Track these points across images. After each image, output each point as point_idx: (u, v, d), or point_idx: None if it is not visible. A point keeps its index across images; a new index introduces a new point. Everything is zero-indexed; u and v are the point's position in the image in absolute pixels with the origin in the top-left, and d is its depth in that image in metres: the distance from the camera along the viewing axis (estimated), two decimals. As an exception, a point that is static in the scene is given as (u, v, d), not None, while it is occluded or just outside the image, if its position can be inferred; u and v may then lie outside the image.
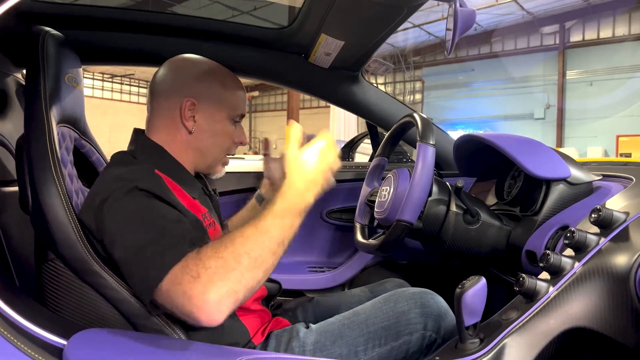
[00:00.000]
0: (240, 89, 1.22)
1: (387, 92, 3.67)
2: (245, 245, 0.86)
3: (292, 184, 0.95)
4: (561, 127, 15.72)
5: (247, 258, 0.85)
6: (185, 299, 0.82)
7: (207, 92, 1.16)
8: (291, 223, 0.92)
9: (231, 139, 1.21)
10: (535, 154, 1.30)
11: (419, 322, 1.10)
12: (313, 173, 0.97)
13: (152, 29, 1.64)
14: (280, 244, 0.90)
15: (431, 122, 1.33)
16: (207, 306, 0.81)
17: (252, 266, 0.85)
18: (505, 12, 14.42)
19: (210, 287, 0.82)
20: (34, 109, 1.07)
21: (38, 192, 1.00)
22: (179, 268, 0.84)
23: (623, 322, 0.86)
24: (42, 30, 1.18)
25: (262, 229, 0.89)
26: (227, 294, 0.82)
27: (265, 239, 0.88)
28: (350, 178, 2.03)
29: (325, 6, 1.43)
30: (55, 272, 1.00)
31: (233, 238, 0.87)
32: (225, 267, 0.83)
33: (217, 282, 0.82)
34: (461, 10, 1.08)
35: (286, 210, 0.92)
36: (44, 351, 0.81)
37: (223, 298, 0.82)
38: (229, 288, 0.82)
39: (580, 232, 0.93)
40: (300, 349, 1.10)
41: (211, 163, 1.21)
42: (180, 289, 0.83)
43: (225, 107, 1.18)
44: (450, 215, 1.31)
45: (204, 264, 0.84)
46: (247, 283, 0.85)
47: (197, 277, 0.82)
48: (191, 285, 0.82)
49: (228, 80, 1.20)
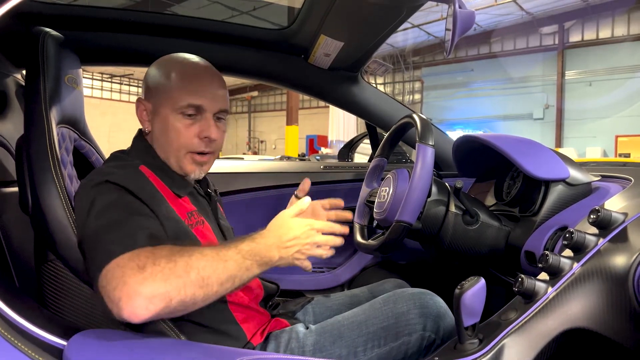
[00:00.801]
0: (193, 77, 1.13)
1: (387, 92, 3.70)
2: (200, 262, 0.86)
3: (266, 235, 0.97)
4: (560, 127, 15.73)
5: (196, 274, 0.84)
6: (120, 282, 0.80)
7: (153, 88, 1.14)
8: (249, 266, 0.92)
9: (188, 133, 1.12)
10: (534, 155, 1.31)
11: (418, 322, 1.11)
12: (290, 239, 0.97)
13: (152, 29, 1.64)
14: (230, 279, 0.89)
15: (430, 123, 1.34)
16: (137, 298, 0.79)
17: (197, 284, 0.84)
18: (504, 13, 14.43)
19: (149, 281, 0.80)
20: (33, 110, 1.08)
21: (38, 192, 1.01)
22: (129, 255, 0.84)
23: (621, 322, 0.86)
24: (41, 31, 1.18)
25: (222, 256, 0.89)
26: (162, 296, 0.81)
27: (220, 266, 0.88)
28: (350, 178, 2.04)
29: (325, 7, 1.44)
30: (55, 273, 1.01)
31: (192, 251, 0.87)
32: (172, 272, 0.82)
33: (158, 280, 0.81)
34: (460, 11, 1.09)
35: (251, 253, 0.93)
36: (44, 352, 0.81)
37: (156, 298, 0.80)
38: (166, 291, 0.81)
39: (579, 232, 0.94)
40: (299, 350, 1.10)
41: (176, 162, 1.14)
42: (120, 272, 0.82)
43: (168, 100, 1.11)
44: (449, 215, 1.31)
45: (154, 260, 0.83)
46: (185, 296, 0.83)
47: (142, 268, 0.81)
48: (132, 272, 0.81)
49: (175, 71, 1.13)
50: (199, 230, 1.11)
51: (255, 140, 23.38)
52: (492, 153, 1.39)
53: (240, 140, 23.35)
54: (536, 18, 15.15)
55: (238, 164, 2.12)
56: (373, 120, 2.01)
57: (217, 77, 1.17)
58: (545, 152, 1.32)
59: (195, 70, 1.14)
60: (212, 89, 1.13)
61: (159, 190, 1.07)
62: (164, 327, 0.98)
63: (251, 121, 23.53)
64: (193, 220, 1.11)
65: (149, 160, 1.12)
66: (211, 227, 1.17)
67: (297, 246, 0.98)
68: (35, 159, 1.04)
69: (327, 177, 2.04)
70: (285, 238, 0.97)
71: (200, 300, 0.86)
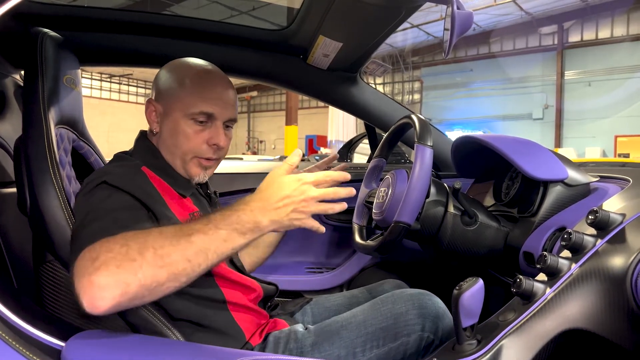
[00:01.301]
0: (207, 85, 1.14)
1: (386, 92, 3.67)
2: (157, 241, 0.80)
3: (249, 200, 0.88)
4: (559, 127, 15.75)
5: (152, 254, 0.79)
6: (77, 276, 0.78)
7: (165, 91, 1.16)
8: (225, 237, 0.84)
9: (197, 139, 1.13)
10: (533, 156, 1.31)
11: (417, 323, 1.11)
12: (280, 199, 0.88)
13: (151, 30, 1.64)
14: (200, 253, 0.82)
15: (429, 124, 1.34)
16: (91, 289, 0.76)
17: (154, 264, 0.79)
18: (503, 13, 14.45)
19: (102, 270, 0.76)
20: (32, 111, 1.08)
21: (36, 193, 1.01)
22: (88, 249, 0.81)
23: (619, 323, 0.86)
24: (40, 31, 1.18)
25: (186, 231, 0.83)
26: (116, 283, 0.76)
27: (182, 241, 0.81)
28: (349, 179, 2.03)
29: (324, 7, 1.44)
30: (53, 273, 1.01)
31: (150, 231, 0.83)
32: (125, 256, 0.78)
33: (111, 267, 0.77)
34: (458, 12, 1.09)
35: (227, 221, 0.85)
36: (42, 353, 0.81)
37: (110, 286, 0.76)
38: (120, 278, 0.76)
39: (577, 233, 0.94)
40: (298, 350, 1.10)
41: (182, 165, 1.16)
42: (79, 267, 0.79)
43: (180, 105, 1.13)
44: (448, 216, 1.31)
45: (108, 247, 0.79)
46: (144, 279, 0.78)
47: (95, 258, 0.78)
48: (87, 264, 0.78)
49: (189, 77, 1.14)
50: None
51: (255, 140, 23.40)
52: (490, 154, 1.39)
53: (239, 140, 23.37)
54: (535, 18, 15.17)
55: (237, 164, 2.12)
56: (372, 121, 2.01)
57: (231, 87, 1.19)
58: (543, 153, 1.32)
59: (209, 78, 1.16)
60: (225, 98, 1.16)
61: (161, 191, 1.08)
62: (163, 328, 0.98)
63: (250, 121, 23.55)
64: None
65: (151, 161, 1.13)
66: None
67: (290, 205, 0.88)
68: (33, 160, 1.04)
69: (326, 177, 2.03)
70: (274, 199, 0.87)
71: (166, 281, 0.80)
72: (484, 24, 15.39)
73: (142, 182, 1.05)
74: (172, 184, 1.12)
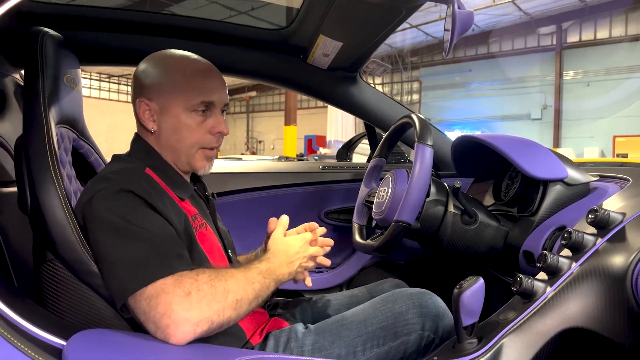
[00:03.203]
0: (200, 74, 1.13)
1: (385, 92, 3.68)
2: (234, 286, 0.93)
3: (276, 255, 1.09)
4: (558, 127, 15.76)
5: (232, 298, 0.92)
6: (169, 310, 0.85)
7: (158, 88, 1.11)
8: (268, 285, 1.01)
9: (200, 130, 1.12)
10: (533, 155, 1.31)
11: (417, 322, 1.11)
12: (294, 254, 1.11)
13: (151, 29, 1.64)
14: (255, 298, 0.97)
15: (429, 123, 1.34)
16: (185, 324, 0.85)
17: (232, 306, 0.91)
18: (502, 13, 14.45)
19: (196, 307, 0.86)
20: (32, 110, 1.07)
21: (37, 192, 1.00)
22: (172, 280, 0.88)
23: (619, 322, 0.86)
24: (40, 30, 1.18)
25: (250, 279, 0.97)
26: (206, 320, 0.87)
27: (249, 288, 0.95)
28: (349, 179, 2.04)
29: (324, 7, 1.44)
30: (53, 273, 1.00)
31: (227, 275, 0.94)
32: (214, 296, 0.89)
33: (203, 306, 0.87)
34: (459, 12, 1.09)
35: (269, 272, 1.03)
36: (44, 352, 0.81)
37: (201, 322, 0.86)
38: (209, 315, 0.87)
39: (577, 232, 0.94)
40: (298, 350, 1.10)
41: (187, 160, 1.14)
42: (166, 299, 0.86)
43: (179, 99, 1.10)
44: (448, 215, 1.31)
45: (198, 286, 0.88)
46: (223, 318, 0.90)
47: (188, 294, 0.87)
48: (179, 299, 0.86)
49: (181, 70, 1.12)
50: (202, 234, 1.11)
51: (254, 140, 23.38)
52: (490, 153, 1.39)
53: (238, 141, 23.35)
54: (534, 18, 15.18)
55: (236, 164, 2.12)
56: (372, 121, 2.02)
57: (219, 73, 1.18)
58: (543, 152, 1.33)
59: (201, 68, 1.15)
60: (220, 85, 1.15)
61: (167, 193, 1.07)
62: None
63: (249, 121, 23.53)
64: (197, 223, 1.11)
65: (151, 163, 1.11)
66: (212, 230, 1.18)
67: (298, 260, 1.12)
68: (34, 159, 1.03)
69: (325, 177, 2.04)
70: (290, 254, 1.10)
71: (233, 320, 0.93)
72: (483, 24, 15.40)
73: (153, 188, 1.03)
74: (173, 187, 1.11)
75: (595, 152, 14.35)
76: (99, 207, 0.96)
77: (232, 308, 0.91)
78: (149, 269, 0.89)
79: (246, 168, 2.06)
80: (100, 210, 0.96)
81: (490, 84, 16.75)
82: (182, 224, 1.04)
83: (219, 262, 1.13)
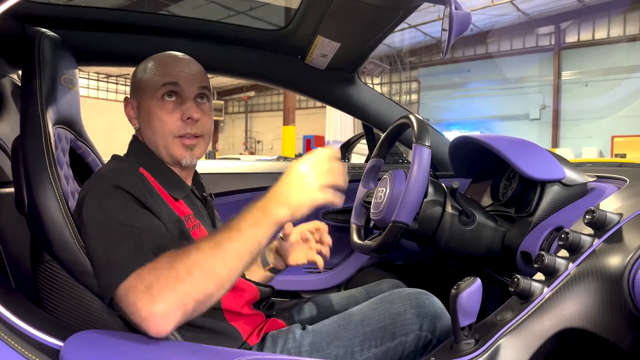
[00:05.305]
0: (163, 63, 1.14)
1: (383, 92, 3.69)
2: (198, 257, 0.85)
3: (274, 194, 0.92)
4: (556, 127, 15.79)
5: (199, 271, 0.84)
6: (134, 308, 0.83)
7: (135, 84, 1.16)
8: (250, 234, 0.88)
9: (171, 118, 1.10)
10: (530, 156, 1.31)
11: (415, 322, 1.11)
12: (302, 190, 0.92)
13: (148, 30, 1.64)
14: (235, 257, 0.87)
15: (427, 124, 1.34)
16: (154, 318, 0.82)
17: (203, 280, 0.84)
18: (501, 13, 14.48)
19: (159, 299, 0.82)
20: (30, 110, 1.07)
21: (34, 193, 1.00)
22: (135, 276, 0.85)
23: (616, 322, 0.87)
24: (38, 31, 1.18)
25: (216, 241, 0.87)
26: (175, 306, 0.82)
27: (219, 252, 0.86)
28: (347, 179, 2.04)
29: (322, 8, 1.44)
30: (51, 274, 1.00)
31: (189, 251, 0.87)
32: (177, 279, 0.83)
33: (167, 294, 0.82)
34: (456, 12, 1.09)
35: (246, 221, 0.89)
36: (41, 353, 0.81)
37: (170, 310, 0.82)
38: (177, 301, 0.82)
39: (574, 233, 0.94)
40: (296, 350, 1.10)
41: (166, 151, 1.13)
42: (132, 298, 0.84)
43: (147, 90, 1.12)
44: (445, 216, 1.31)
45: (157, 274, 0.84)
46: (197, 296, 0.84)
47: (149, 287, 0.83)
48: (142, 296, 0.83)
49: (151, 61, 1.15)
50: (195, 234, 1.11)
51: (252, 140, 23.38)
52: (488, 154, 1.39)
53: (237, 141, 23.34)
54: (532, 19, 15.21)
55: (235, 165, 2.12)
56: (370, 121, 2.02)
57: (194, 62, 1.18)
58: (540, 153, 1.33)
59: (168, 56, 1.17)
60: (185, 69, 1.14)
61: (159, 193, 1.07)
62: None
63: (248, 121, 23.52)
64: (190, 223, 1.11)
65: (146, 162, 1.12)
66: (207, 231, 1.17)
67: (309, 196, 0.93)
68: (31, 160, 1.03)
69: (324, 177, 2.04)
70: (286, 187, 0.94)
71: (215, 291, 0.86)
72: (482, 24, 15.42)
73: (147, 186, 1.04)
74: (167, 186, 1.11)
75: (594, 152, 14.38)
76: (89, 204, 0.97)
77: (204, 281, 0.84)
78: (121, 266, 0.87)
79: (244, 168, 2.06)
80: (91, 206, 0.97)
81: (488, 84, 16.78)
82: (173, 224, 1.04)
83: None
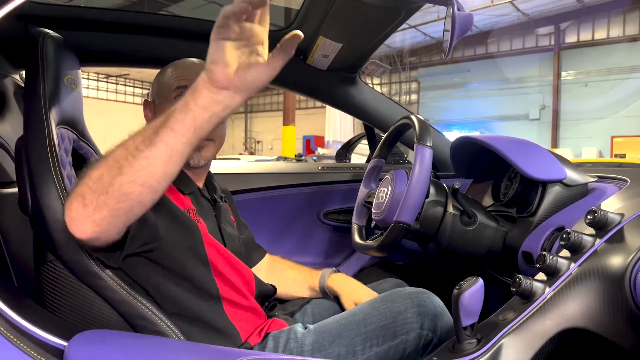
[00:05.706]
0: (179, 67, 1.21)
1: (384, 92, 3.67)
2: (110, 153, 0.80)
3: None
4: (556, 127, 15.80)
5: (105, 161, 0.79)
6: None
7: (155, 87, 1.23)
8: (162, 120, 0.78)
9: None
10: (531, 156, 1.31)
11: (416, 321, 1.11)
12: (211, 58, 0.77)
13: (150, 30, 1.64)
14: (144, 141, 0.77)
15: (428, 124, 1.35)
16: (66, 218, 0.80)
17: (110, 168, 0.78)
18: (500, 13, 14.48)
19: (69, 197, 0.80)
20: (33, 111, 1.08)
21: (37, 193, 1.01)
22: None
23: (618, 322, 0.87)
24: (41, 31, 1.18)
25: (131, 135, 0.80)
26: (73, 197, 0.79)
27: (128, 142, 0.79)
28: (348, 179, 2.04)
29: (323, 8, 1.44)
30: (54, 274, 1.00)
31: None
32: (87, 176, 0.79)
33: (74, 189, 0.80)
34: (459, 13, 1.09)
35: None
36: (46, 352, 0.81)
37: (69, 203, 0.79)
38: (75, 193, 0.79)
39: (576, 233, 0.94)
40: (298, 350, 1.10)
41: None
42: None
43: (163, 92, 1.19)
44: (447, 216, 1.32)
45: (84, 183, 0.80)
46: (95, 185, 0.78)
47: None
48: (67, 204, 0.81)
49: (169, 68, 1.22)
50: None
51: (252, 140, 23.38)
52: (489, 154, 1.39)
53: (236, 141, 23.34)
54: (532, 19, 15.22)
55: (234, 165, 2.12)
56: (371, 122, 2.02)
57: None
58: (542, 153, 1.33)
59: (186, 61, 1.23)
60: (196, 70, 1.16)
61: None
62: (164, 328, 0.99)
63: (248, 121, 23.52)
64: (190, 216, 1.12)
65: None
66: (208, 228, 1.17)
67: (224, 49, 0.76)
68: (34, 160, 1.04)
69: (324, 177, 2.04)
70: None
71: (126, 178, 0.77)
72: (481, 24, 15.43)
73: None
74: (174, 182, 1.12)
75: (594, 153, 14.39)
76: None
77: (111, 170, 0.77)
78: None
79: (244, 169, 2.06)
80: None
81: (488, 84, 16.79)
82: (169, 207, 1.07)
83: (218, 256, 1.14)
